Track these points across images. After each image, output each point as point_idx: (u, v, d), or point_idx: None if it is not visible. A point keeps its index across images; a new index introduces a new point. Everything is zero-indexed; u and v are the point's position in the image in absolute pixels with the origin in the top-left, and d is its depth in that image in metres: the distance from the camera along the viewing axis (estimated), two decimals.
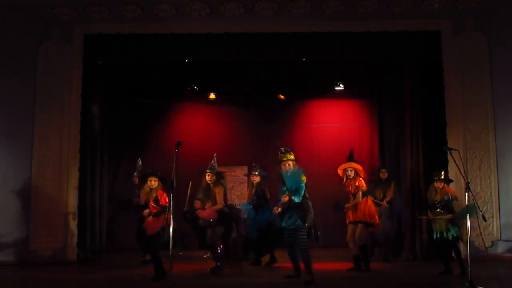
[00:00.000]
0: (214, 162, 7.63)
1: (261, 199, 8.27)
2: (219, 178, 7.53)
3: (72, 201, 8.97)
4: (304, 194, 6.43)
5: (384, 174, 8.99)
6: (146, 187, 7.05)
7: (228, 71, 10.24)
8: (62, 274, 7.84)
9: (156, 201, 6.89)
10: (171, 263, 5.89)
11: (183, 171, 6.87)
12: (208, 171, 7.50)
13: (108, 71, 9.84)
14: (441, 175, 7.20)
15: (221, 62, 9.59)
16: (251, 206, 8.29)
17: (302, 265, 6.59)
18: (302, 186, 6.39)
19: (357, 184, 7.48)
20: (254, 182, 8.39)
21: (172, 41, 9.17)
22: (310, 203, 6.55)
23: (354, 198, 7.53)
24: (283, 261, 8.03)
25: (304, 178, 6.45)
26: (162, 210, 6.76)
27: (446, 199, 7.06)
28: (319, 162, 10.61)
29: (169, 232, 5.89)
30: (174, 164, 6.00)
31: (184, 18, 8.98)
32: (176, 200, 5.91)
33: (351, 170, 7.52)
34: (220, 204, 7.33)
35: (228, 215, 7.50)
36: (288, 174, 6.45)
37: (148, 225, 6.92)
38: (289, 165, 6.55)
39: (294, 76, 10.64)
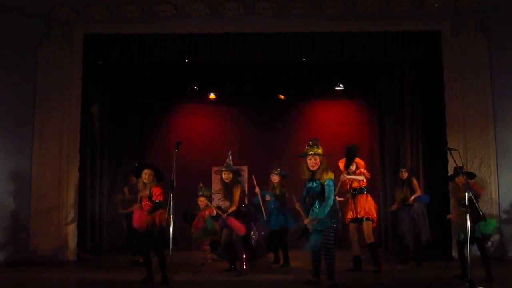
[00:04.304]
0: (229, 160, 7.37)
1: (279, 200, 8.16)
2: (237, 176, 7.33)
3: (72, 201, 8.97)
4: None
5: (403, 174, 8.32)
6: (140, 181, 6.73)
7: (228, 71, 10.24)
8: (62, 274, 7.84)
9: (150, 197, 6.56)
10: (171, 263, 5.91)
11: (183, 171, 6.84)
12: (224, 169, 7.27)
13: (108, 71, 9.85)
14: (463, 169, 6.79)
15: (221, 62, 9.59)
16: (273, 197, 8.12)
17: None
18: (332, 188, 5.95)
19: (359, 171, 7.38)
20: (274, 182, 8.24)
21: (172, 41, 9.17)
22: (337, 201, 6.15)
23: (351, 192, 7.44)
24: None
25: (331, 176, 5.99)
26: (156, 206, 6.48)
27: (469, 195, 6.45)
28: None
29: (169, 232, 5.86)
30: (174, 164, 6.00)
31: (184, 18, 8.98)
32: (175, 200, 5.91)
33: (352, 164, 7.44)
34: (234, 205, 7.14)
35: (246, 214, 7.33)
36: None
37: (136, 218, 6.66)
38: (315, 159, 6.00)
39: (294, 76, 10.64)
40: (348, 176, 7.40)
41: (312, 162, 6.01)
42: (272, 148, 11.35)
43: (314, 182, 6.02)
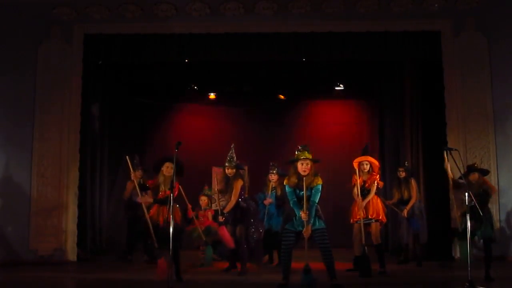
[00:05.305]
0: (232, 153, 7.32)
1: (279, 200, 8.16)
2: (239, 170, 7.32)
3: (72, 201, 8.96)
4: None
5: (401, 174, 8.38)
6: (160, 176, 6.59)
7: (228, 71, 10.24)
8: (62, 274, 7.84)
9: (171, 189, 6.21)
10: (171, 262, 5.90)
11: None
12: (227, 164, 7.26)
13: (108, 71, 9.85)
14: (475, 165, 6.78)
15: (221, 62, 9.58)
16: (274, 198, 8.16)
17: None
18: (319, 193, 6.03)
19: (375, 178, 7.29)
20: (273, 182, 8.27)
21: (172, 41, 9.16)
22: None
23: (362, 193, 7.27)
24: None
25: (321, 181, 6.05)
26: (165, 200, 6.28)
27: (481, 192, 6.61)
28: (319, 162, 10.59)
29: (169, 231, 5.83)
30: (174, 164, 6.00)
31: (184, 18, 8.98)
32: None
33: (366, 164, 7.31)
34: (232, 203, 7.14)
35: (246, 210, 7.32)
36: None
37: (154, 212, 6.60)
38: (307, 164, 6.03)
39: (294, 76, 10.64)
40: (363, 203, 7.22)
41: (304, 167, 6.04)
42: (272, 148, 11.36)
43: (307, 191, 6.03)
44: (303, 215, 5.95)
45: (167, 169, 6.53)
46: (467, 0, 8.59)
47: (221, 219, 7.34)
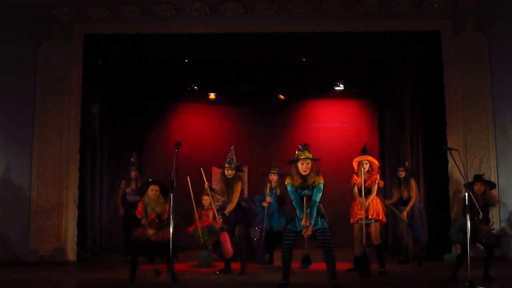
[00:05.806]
0: (232, 154, 7.30)
1: (279, 199, 8.17)
2: (238, 171, 7.30)
3: (72, 201, 8.97)
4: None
5: (401, 173, 8.39)
6: (146, 198, 6.68)
7: (228, 71, 10.25)
8: (62, 274, 7.85)
9: (160, 214, 6.52)
10: (172, 263, 5.91)
11: (183, 171, 6.84)
12: (226, 165, 7.23)
13: (108, 71, 9.85)
14: (482, 176, 6.86)
15: (221, 62, 9.59)
16: (274, 197, 8.17)
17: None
18: (321, 192, 6.04)
19: (375, 177, 7.27)
20: (273, 181, 8.27)
21: (172, 41, 9.17)
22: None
23: (361, 193, 7.22)
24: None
25: (322, 180, 6.06)
26: (162, 224, 6.45)
27: (483, 205, 6.60)
28: (319, 162, 10.57)
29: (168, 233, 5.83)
30: (174, 164, 6.00)
31: (184, 18, 8.99)
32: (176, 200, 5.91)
33: (366, 163, 7.29)
34: (233, 205, 7.12)
35: (246, 211, 7.32)
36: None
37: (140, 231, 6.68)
38: (307, 164, 6.01)
39: (294, 76, 10.64)
40: (366, 202, 7.20)
41: (304, 166, 6.02)
42: (272, 148, 11.36)
43: (309, 190, 6.03)
44: (303, 221, 5.94)
45: (152, 191, 6.64)
46: (467, 0, 8.59)
47: (219, 219, 7.31)
